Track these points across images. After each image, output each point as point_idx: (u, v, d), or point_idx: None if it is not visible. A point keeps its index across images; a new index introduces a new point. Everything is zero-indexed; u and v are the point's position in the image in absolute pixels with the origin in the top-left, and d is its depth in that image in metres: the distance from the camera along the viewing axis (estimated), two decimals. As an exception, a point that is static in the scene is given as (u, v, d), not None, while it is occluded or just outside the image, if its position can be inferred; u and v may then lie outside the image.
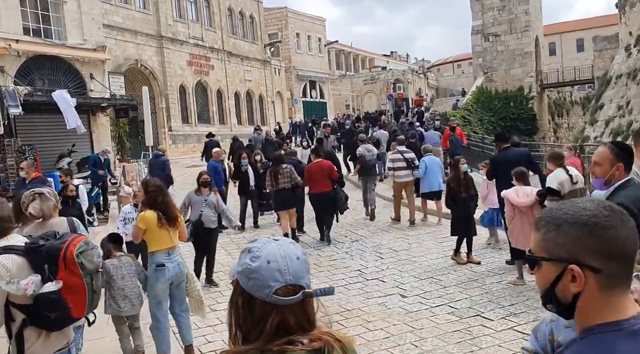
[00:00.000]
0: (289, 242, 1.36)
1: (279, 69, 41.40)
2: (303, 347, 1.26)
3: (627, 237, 1.16)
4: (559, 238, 1.18)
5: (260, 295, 1.26)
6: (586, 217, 1.17)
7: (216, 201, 7.54)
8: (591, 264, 1.15)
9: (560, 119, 43.79)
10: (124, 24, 25.82)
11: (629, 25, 29.33)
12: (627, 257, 1.17)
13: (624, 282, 1.18)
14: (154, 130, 25.30)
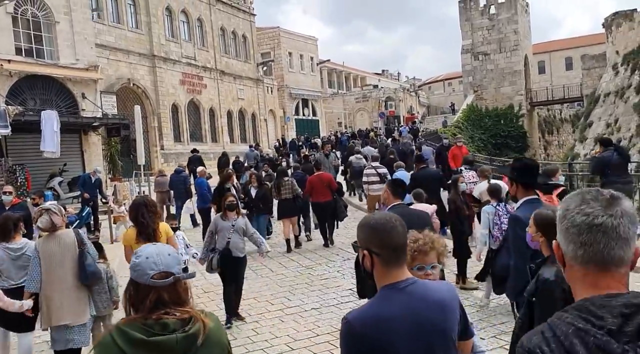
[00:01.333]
0: (164, 245, 2.06)
1: (271, 87, 41.64)
2: (175, 317, 1.83)
3: (396, 236, 2.00)
4: (361, 234, 2.07)
5: (142, 280, 1.85)
6: (373, 222, 2.05)
7: (244, 224, 6.91)
8: (374, 250, 1.99)
9: (551, 137, 44.22)
10: (117, 43, 25.96)
11: (615, 45, 29.85)
12: (396, 247, 2.01)
13: (398, 261, 2.02)
14: (146, 149, 25.28)
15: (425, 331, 1.94)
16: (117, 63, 25.79)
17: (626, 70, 27.03)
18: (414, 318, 1.93)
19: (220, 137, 33.57)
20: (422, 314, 1.95)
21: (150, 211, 5.09)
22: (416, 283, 2.03)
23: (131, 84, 26.78)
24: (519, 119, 38.37)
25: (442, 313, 2.00)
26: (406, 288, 1.99)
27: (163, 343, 1.78)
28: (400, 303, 1.95)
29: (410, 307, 1.95)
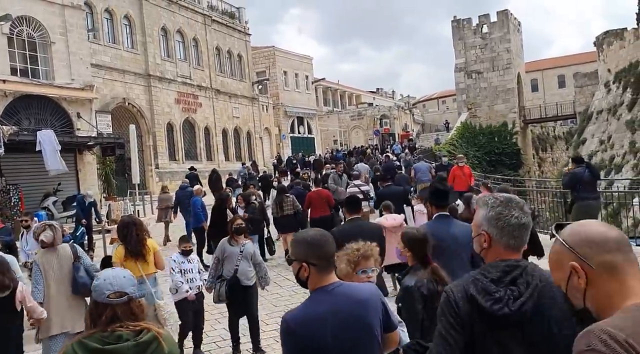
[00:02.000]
0: (122, 270, 2.43)
1: (267, 105, 41.84)
2: (128, 329, 2.15)
3: (329, 248, 2.42)
4: (298, 249, 2.43)
5: (100, 299, 2.19)
6: (310, 238, 2.43)
7: (253, 250, 6.34)
8: (311, 262, 2.36)
9: (544, 154, 44.46)
10: (112, 63, 26.10)
11: (607, 63, 30.21)
12: (329, 257, 2.41)
13: (328, 268, 2.40)
14: (141, 167, 25.30)
15: (350, 326, 2.30)
16: (112, 82, 25.91)
17: (618, 88, 27.32)
18: (340, 315, 2.29)
19: (216, 155, 33.62)
20: (347, 311, 2.31)
21: (138, 229, 5.54)
22: (342, 285, 2.43)
23: (126, 103, 26.87)
24: (513, 136, 38.60)
25: (365, 310, 2.36)
26: (334, 290, 2.37)
27: (116, 351, 2.10)
28: (329, 302, 2.32)
29: (337, 305, 2.32)
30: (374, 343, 2.36)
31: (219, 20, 35.78)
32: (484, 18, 40.96)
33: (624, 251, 1.44)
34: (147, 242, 5.59)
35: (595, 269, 1.42)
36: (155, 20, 29.36)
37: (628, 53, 27.16)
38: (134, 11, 27.92)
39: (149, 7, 28.78)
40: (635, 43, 26.37)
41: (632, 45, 26.83)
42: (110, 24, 26.59)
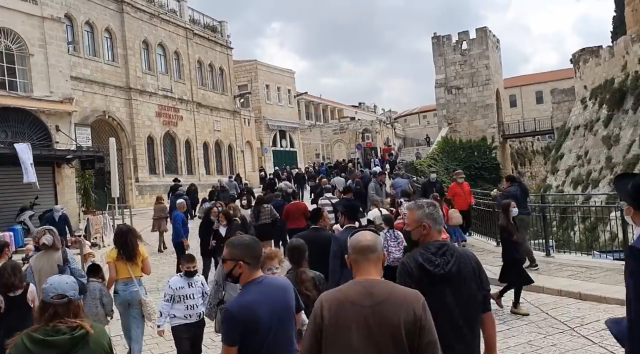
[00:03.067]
0: (68, 277, 2.91)
1: (248, 119, 41.80)
2: (66, 325, 2.66)
3: (259, 249, 3.15)
4: (236, 250, 3.06)
5: (46, 299, 2.70)
6: (246, 242, 3.13)
7: None
8: (247, 261, 3.02)
9: (523, 168, 45.05)
10: (92, 76, 25.90)
11: (583, 80, 30.84)
12: (259, 257, 3.12)
13: (257, 266, 3.08)
14: (121, 181, 25.04)
15: (277, 307, 3.00)
16: (92, 95, 25.70)
17: (594, 104, 27.87)
18: (269, 300, 2.98)
19: (196, 169, 33.42)
20: (273, 297, 3.01)
21: (133, 236, 6.45)
22: (267, 278, 3.18)
23: (106, 116, 26.65)
24: (492, 151, 39.08)
25: (286, 295, 3.11)
26: (262, 281, 3.06)
27: (54, 341, 2.63)
28: (259, 291, 2.99)
29: (266, 293, 3.00)
30: (292, 320, 3.14)
31: (200, 34, 35.79)
32: (463, 35, 41.62)
33: (363, 254, 2.59)
34: (139, 248, 6.43)
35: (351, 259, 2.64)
36: (137, 33, 29.26)
37: (604, 70, 27.76)
38: (115, 24, 27.80)
39: (130, 20, 28.69)
40: (611, 61, 26.99)
41: (607, 62, 27.45)
42: (90, 37, 26.43)
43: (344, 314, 2.38)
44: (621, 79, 25.26)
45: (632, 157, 21.46)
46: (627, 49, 25.26)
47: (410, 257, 3.10)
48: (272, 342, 2.90)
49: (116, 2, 27.93)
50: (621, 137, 23.37)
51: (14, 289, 5.14)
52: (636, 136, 21.83)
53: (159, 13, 31.43)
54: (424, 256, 3.03)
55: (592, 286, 8.17)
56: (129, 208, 21.56)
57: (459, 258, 3.06)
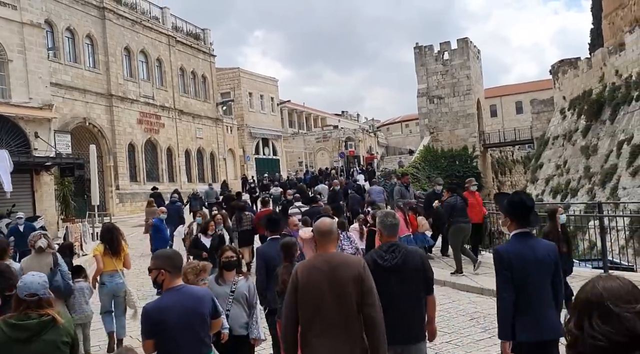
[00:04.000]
0: (39, 275, 3.33)
1: (231, 126, 41.68)
2: (36, 313, 3.18)
3: (181, 260, 3.82)
4: (159, 261, 3.64)
5: (20, 296, 3.19)
6: (168, 254, 3.83)
7: (248, 290, 5.00)
8: (168, 269, 3.58)
9: (503, 177, 45.54)
10: (73, 82, 25.63)
11: (562, 90, 31.38)
12: (178, 267, 3.72)
13: (177, 275, 3.67)
14: (101, 188, 24.75)
15: (188, 312, 3.54)
16: (72, 102, 25.42)
17: (573, 114, 28.35)
18: (182, 305, 3.53)
19: (178, 176, 33.19)
20: (186, 303, 3.56)
21: (119, 233, 7.34)
22: (185, 287, 3.73)
23: (87, 123, 26.36)
24: (473, 160, 39.45)
25: (199, 303, 3.63)
26: (180, 289, 3.61)
27: (25, 325, 3.16)
28: (175, 297, 3.55)
29: (180, 299, 3.55)
30: (203, 324, 3.66)
31: (183, 41, 35.68)
32: (445, 45, 42.08)
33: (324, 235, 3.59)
34: (124, 244, 7.33)
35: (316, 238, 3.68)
36: (119, 40, 29.07)
37: (582, 81, 28.28)
38: (97, 31, 27.59)
39: (112, 27, 28.50)
40: (589, 72, 27.51)
41: (585, 74, 27.97)
42: (71, 43, 26.18)
43: (312, 276, 3.43)
44: (599, 90, 25.75)
45: (610, 167, 21.84)
46: (604, 61, 25.78)
47: (368, 255, 4.31)
48: (180, 340, 3.51)
49: (98, 8, 27.73)
50: (599, 148, 23.78)
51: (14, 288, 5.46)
52: (613, 146, 22.23)
53: (141, 20, 31.27)
54: (377, 253, 4.09)
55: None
56: (109, 216, 21.32)
57: (406, 254, 4.03)
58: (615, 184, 20.87)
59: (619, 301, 1.50)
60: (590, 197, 21.98)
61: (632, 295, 1.52)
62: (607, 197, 20.01)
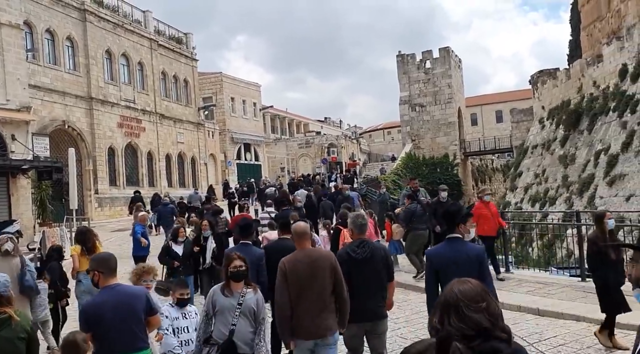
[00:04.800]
0: (1, 275, 3.85)
1: (212, 131, 41.47)
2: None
3: (111, 262, 4.09)
4: (93, 264, 4.12)
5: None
6: (102, 256, 4.33)
7: (256, 304, 4.50)
8: (101, 270, 3.98)
9: (483, 185, 45.94)
10: (52, 84, 25.27)
11: (541, 100, 31.85)
12: (111, 268, 4.04)
13: (112, 275, 4.01)
14: (80, 193, 24.37)
15: (121, 308, 3.85)
16: (52, 104, 25.05)
17: (551, 124, 28.77)
18: (115, 302, 3.85)
19: (158, 181, 32.88)
20: (119, 300, 3.88)
21: (92, 235, 7.90)
22: (120, 285, 4.03)
23: (66, 126, 25.99)
24: (454, 167, 39.83)
25: (133, 300, 3.96)
26: (114, 288, 3.94)
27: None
28: (109, 294, 3.89)
29: (114, 297, 3.88)
30: (138, 320, 3.94)
31: (165, 45, 35.45)
32: (427, 54, 42.51)
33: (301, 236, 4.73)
34: (98, 245, 7.76)
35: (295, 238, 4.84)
36: (100, 42, 28.77)
37: (560, 91, 28.74)
38: (77, 33, 27.27)
39: (93, 29, 28.19)
40: (567, 83, 27.97)
41: (564, 84, 28.43)
42: (51, 45, 25.82)
43: (297, 266, 4.53)
44: (577, 100, 26.19)
45: (587, 176, 22.19)
46: (582, 72, 26.24)
47: (342, 249, 5.39)
48: (115, 334, 3.82)
49: (79, 10, 27.42)
50: (577, 157, 24.15)
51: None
52: (591, 155, 22.60)
53: (123, 23, 31.01)
54: (350, 248, 5.04)
55: (550, 302, 8.33)
56: (87, 220, 21.00)
57: (373, 249, 4.99)
58: (592, 193, 21.20)
59: (470, 301, 1.86)
60: (568, 206, 22.28)
61: (480, 296, 1.90)
62: (585, 206, 20.30)
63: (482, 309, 1.86)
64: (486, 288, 2.02)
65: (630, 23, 24.51)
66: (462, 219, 4.62)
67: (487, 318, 1.86)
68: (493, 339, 1.83)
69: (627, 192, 18.78)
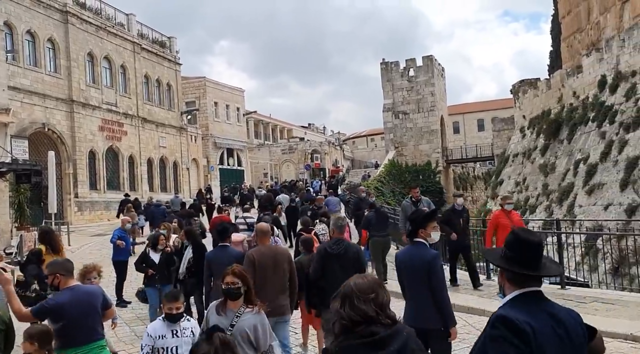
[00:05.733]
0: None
1: (195, 136, 41.21)
2: None
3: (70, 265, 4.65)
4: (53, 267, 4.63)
5: None
6: (60, 261, 4.81)
7: (254, 328, 3.87)
8: (61, 273, 4.46)
9: (465, 192, 46.32)
10: (32, 86, 24.91)
11: (522, 109, 32.26)
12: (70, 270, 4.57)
13: (70, 277, 4.53)
14: (59, 196, 24.02)
15: (82, 304, 4.35)
16: (31, 107, 24.69)
17: (532, 133, 29.14)
18: (77, 299, 4.33)
19: (139, 185, 32.53)
20: (81, 297, 4.38)
21: (54, 234, 8.53)
22: (78, 286, 4.55)
23: (46, 128, 25.62)
24: (436, 175, 40.11)
25: (91, 297, 4.50)
26: (74, 287, 4.44)
27: None
28: (71, 294, 4.34)
29: (76, 295, 4.36)
30: (96, 314, 4.49)
31: (148, 49, 35.20)
32: (410, 62, 42.84)
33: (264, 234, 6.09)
34: (60, 243, 8.38)
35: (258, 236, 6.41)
36: (82, 45, 28.46)
37: (541, 101, 29.15)
38: (59, 35, 26.95)
39: (75, 31, 27.89)
40: (548, 93, 28.38)
41: (544, 94, 28.85)
42: (32, 46, 25.47)
43: (262, 258, 5.66)
44: (557, 110, 26.58)
45: (567, 185, 22.49)
46: (562, 82, 26.66)
47: (321, 245, 6.56)
48: (76, 327, 4.28)
49: (60, 12, 27.11)
50: (557, 166, 24.49)
51: None
52: (570, 164, 22.93)
53: (106, 26, 30.73)
54: (328, 244, 6.22)
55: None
56: (66, 224, 20.69)
57: (346, 247, 6.05)
58: (572, 201, 21.48)
59: (361, 293, 2.30)
60: (548, 214, 22.55)
61: (371, 289, 2.33)
62: (564, 215, 20.57)
63: (370, 300, 2.29)
64: (380, 282, 2.45)
65: (609, 35, 25.01)
66: (420, 224, 4.85)
67: (374, 308, 2.28)
68: (376, 324, 2.26)
69: (605, 202, 19.08)
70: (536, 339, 2.15)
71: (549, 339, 2.19)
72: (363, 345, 2.23)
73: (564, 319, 2.28)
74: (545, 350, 2.15)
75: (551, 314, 2.28)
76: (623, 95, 20.51)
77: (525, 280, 2.36)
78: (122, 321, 9.19)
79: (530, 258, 2.37)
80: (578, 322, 2.32)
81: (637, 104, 19.43)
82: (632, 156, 18.43)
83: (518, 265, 2.36)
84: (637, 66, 20.12)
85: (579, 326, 2.32)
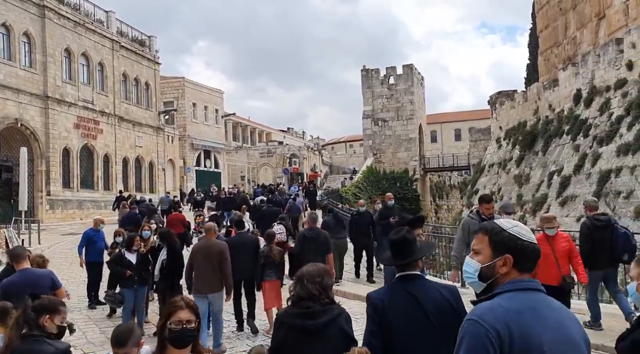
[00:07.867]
0: None
1: (172, 136, 40.79)
2: None
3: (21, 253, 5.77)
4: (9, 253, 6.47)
5: None
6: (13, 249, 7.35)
7: None
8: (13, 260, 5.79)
9: (441, 201, 46.82)
10: (5, 81, 24.36)
11: (499, 120, 32.70)
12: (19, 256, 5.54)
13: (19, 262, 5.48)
14: (30, 193, 23.49)
15: (30, 285, 4.79)
16: (4, 101, 24.16)
17: (508, 144, 29.55)
18: (26, 280, 4.99)
19: (114, 184, 32.02)
20: (29, 279, 5.01)
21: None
22: (29, 269, 5.26)
23: (19, 124, 25.07)
24: (414, 183, 40.36)
25: (40, 278, 5.18)
26: (24, 270, 5.08)
27: None
28: (21, 276, 5.11)
29: (25, 277, 5.09)
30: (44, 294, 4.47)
31: (127, 47, 34.77)
32: (391, 70, 43.14)
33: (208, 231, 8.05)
34: None
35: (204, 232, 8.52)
36: (59, 40, 27.96)
37: (518, 113, 29.59)
38: (35, 29, 26.44)
39: (52, 26, 27.40)
40: (524, 105, 28.83)
41: (521, 106, 29.30)
42: (6, 40, 24.94)
43: (200, 249, 7.51)
44: (533, 122, 27.01)
45: (541, 196, 22.84)
46: (539, 95, 27.12)
47: (301, 231, 9.73)
48: None
49: (37, 6, 26.61)
50: (531, 177, 24.85)
51: None
52: (545, 176, 23.29)
53: (85, 22, 30.27)
54: (306, 231, 9.06)
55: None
56: (37, 223, 20.24)
57: (318, 233, 8.86)
58: (545, 212, 21.81)
59: (311, 277, 3.02)
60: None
61: (319, 274, 3.05)
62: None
63: (316, 282, 3.00)
64: (328, 270, 3.19)
65: (585, 50, 25.53)
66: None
67: (318, 289, 2.98)
68: (315, 302, 2.95)
69: (578, 213, 19.40)
70: (384, 310, 2.88)
71: (396, 310, 2.87)
72: (300, 314, 2.96)
73: (422, 296, 2.88)
74: (389, 318, 2.85)
75: (409, 293, 2.91)
76: (597, 109, 20.92)
77: (402, 268, 3.05)
78: (92, 322, 8.99)
79: (397, 252, 3.08)
80: (446, 298, 2.90)
81: (610, 118, 19.84)
82: (605, 169, 18.80)
83: (394, 258, 3.09)
84: (611, 81, 20.56)
85: (446, 302, 2.89)
